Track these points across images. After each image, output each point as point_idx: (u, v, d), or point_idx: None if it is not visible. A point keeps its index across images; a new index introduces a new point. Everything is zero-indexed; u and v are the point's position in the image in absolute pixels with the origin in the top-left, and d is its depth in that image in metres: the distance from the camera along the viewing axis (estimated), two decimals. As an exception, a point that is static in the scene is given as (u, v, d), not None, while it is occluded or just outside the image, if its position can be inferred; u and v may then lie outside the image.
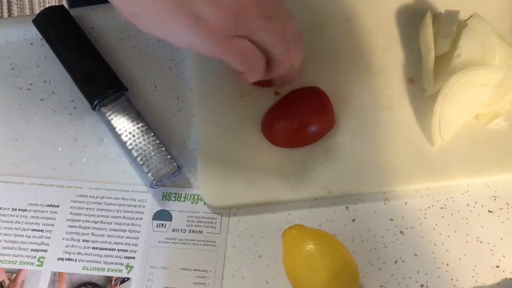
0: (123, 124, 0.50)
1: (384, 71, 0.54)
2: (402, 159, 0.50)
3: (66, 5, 0.64)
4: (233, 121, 0.51)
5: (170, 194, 0.50)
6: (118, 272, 0.47)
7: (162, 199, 0.50)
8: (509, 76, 0.50)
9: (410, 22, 0.56)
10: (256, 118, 0.51)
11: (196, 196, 0.50)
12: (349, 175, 0.49)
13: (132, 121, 0.50)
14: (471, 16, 0.53)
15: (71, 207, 0.49)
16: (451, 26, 0.53)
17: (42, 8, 1.57)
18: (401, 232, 0.48)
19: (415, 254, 0.48)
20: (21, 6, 1.58)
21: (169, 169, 0.48)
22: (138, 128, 0.50)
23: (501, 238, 0.48)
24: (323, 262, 0.42)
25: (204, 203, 0.49)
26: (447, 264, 0.47)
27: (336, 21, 0.56)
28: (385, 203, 0.49)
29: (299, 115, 0.49)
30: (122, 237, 0.48)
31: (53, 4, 1.57)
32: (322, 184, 0.49)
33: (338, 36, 0.56)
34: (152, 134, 0.50)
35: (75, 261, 0.47)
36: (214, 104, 0.52)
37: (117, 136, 0.50)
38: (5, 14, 1.57)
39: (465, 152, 0.50)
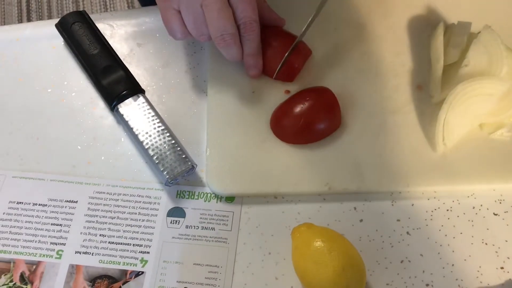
0: (140, 125, 0.52)
1: (393, 77, 0.56)
2: (404, 162, 0.51)
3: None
4: (243, 115, 0.53)
5: (184, 192, 0.52)
6: (133, 266, 0.49)
7: (176, 197, 0.52)
8: (516, 88, 0.51)
9: (423, 31, 0.58)
10: (266, 113, 0.53)
11: (209, 194, 0.52)
12: (351, 174, 0.51)
13: (149, 122, 0.52)
14: (484, 29, 0.54)
15: (89, 203, 0.51)
16: (462, 37, 0.54)
17: (60, 15, 1.61)
18: (407, 232, 0.50)
19: (421, 254, 0.49)
20: (40, 14, 1.62)
21: (183, 168, 0.50)
22: (154, 128, 0.52)
23: (506, 240, 0.49)
24: (331, 258, 0.43)
25: (216, 198, 0.51)
26: (452, 265, 0.48)
27: (350, 26, 0.58)
28: (392, 204, 0.51)
29: (307, 113, 0.51)
30: (138, 232, 0.50)
31: (70, 10, 1.61)
32: (324, 180, 0.50)
33: (351, 41, 0.57)
34: (168, 134, 0.52)
35: (92, 255, 0.49)
36: (227, 97, 0.54)
37: (134, 136, 0.52)
38: (24, 21, 1.61)
39: (467, 160, 0.51)
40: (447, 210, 0.50)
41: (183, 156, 0.51)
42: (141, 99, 0.54)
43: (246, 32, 0.50)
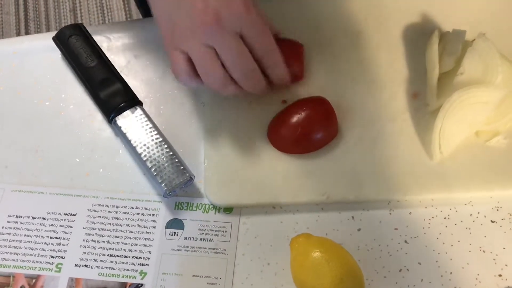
0: (138, 137, 0.52)
1: (389, 85, 0.56)
2: (401, 171, 0.51)
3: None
4: (241, 126, 0.54)
5: (182, 204, 0.52)
6: (132, 278, 0.49)
7: (175, 208, 0.52)
8: (511, 95, 0.52)
9: (418, 39, 0.58)
10: (263, 124, 0.54)
11: (207, 206, 0.52)
12: (349, 183, 0.51)
13: (147, 134, 0.53)
14: (478, 37, 0.55)
15: (88, 216, 0.51)
16: (457, 45, 0.54)
17: (57, 25, 1.62)
18: (405, 241, 0.50)
19: (419, 263, 0.49)
20: (38, 23, 1.63)
21: (181, 179, 0.50)
22: (152, 140, 0.52)
23: (504, 248, 0.49)
24: (329, 269, 0.43)
25: (215, 209, 0.51)
26: (451, 273, 0.48)
27: (346, 35, 0.58)
28: (390, 213, 0.51)
29: (303, 123, 0.51)
30: (136, 244, 0.50)
31: (67, 20, 1.61)
32: (321, 189, 0.51)
33: (347, 49, 0.58)
34: (165, 146, 0.52)
35: (92, 268, 0.49)
36: (224, 108, 0.55)
37: (132, 148, 0.52)
38: (22, 30, 1.62)
39: (463, 168, 0.51)
40: (445, 218, 0.51)
41: (181, 167, 0.51)
42: (138, 111, 0.54)
43: (269, 61, 0.49)
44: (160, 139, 0.52)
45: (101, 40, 0.59)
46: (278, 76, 0.51)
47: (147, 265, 0.49)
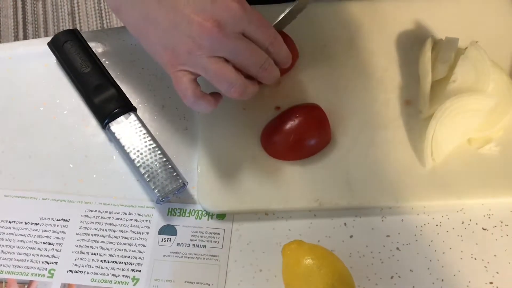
0: (132, 142, 0.52)
1: (382, 92, 0.56)
2: (393, 177, 0.51)
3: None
4: (234, 132, 0.54)
5: (175, 210, 0.52)
6: (125, 284, 0.49)
7: (168, 215, 0.52)
8: (503, 103, 0.52)
9: (411, 47, 0.58)
10: (257, 130, 0.54)
11: (200, 212, 0.52)
12: (341, 189, 0.51)
13: (140, 140, 0.53)
14: (471, 45, 0.55)
15: (81, 221, 0.52)
16: (450, 53, 0.55)
17: (55, 28, 1.62)
18: (397, 248, 0.50)
19: (410, 270, 0.49)
20: (36, 26, 1.63)
21: (174, 186, 0.51)
22: (146, 146, 0.52)
23: (495, 255, 0.49)
24: (320, 276, 0.44)
25: (207, 215, 0.51)
26: (442, 280, 0.49)
27: (339, 42, 0.59)
28: (382, 220, 0.51)
29: (296, 129, 0.52)
30: (129, 250, 0.50)
31: (66, 23, 1.61)
32: (314, 196, 0.51)
33: (340, 56, 0.58)
34: (159, 152, 0.52)
35: (84, 273, 0.49)
36: (219, 114, 0.55)
37: (126, 154, 0.52)
38: (20, 33, 1.62)
39: (456, 175, 0.52)
40: (437, 225, 0.51)
41: (174, 173, 0.51)
42: (132, 117, 0.54)
43: (275, 48, 0.48)
44: (154, 145, 0.52)
45: (96, 46, 0.60)
46: (283, 60, 0.51)
47: (140, 271, 0.49)
